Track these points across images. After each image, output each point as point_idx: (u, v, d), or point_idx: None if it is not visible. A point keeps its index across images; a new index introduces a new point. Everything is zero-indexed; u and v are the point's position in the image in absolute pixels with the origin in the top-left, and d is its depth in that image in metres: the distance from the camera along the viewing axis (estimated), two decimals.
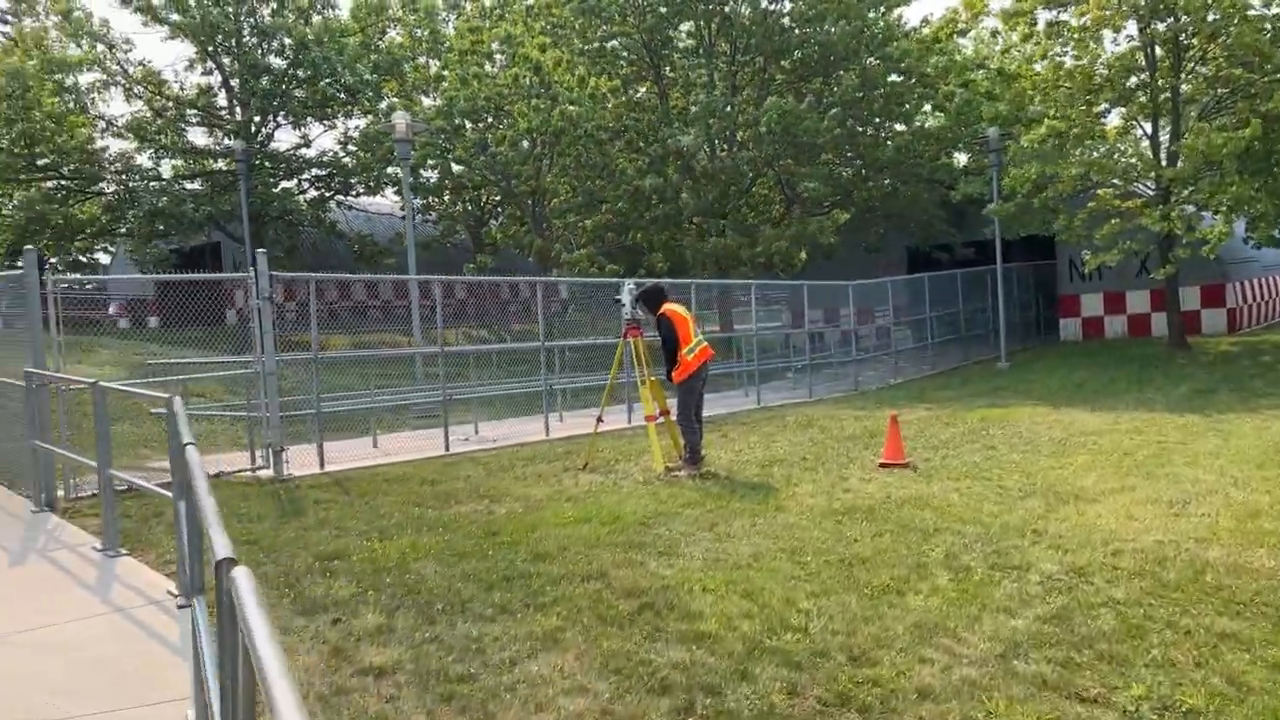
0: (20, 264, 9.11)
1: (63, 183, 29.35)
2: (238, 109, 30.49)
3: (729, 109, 26.69)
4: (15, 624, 5.96)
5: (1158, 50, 22.74)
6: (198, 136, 31.93)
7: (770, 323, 27.54)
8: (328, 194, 32.49)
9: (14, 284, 9.27)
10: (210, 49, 29.88)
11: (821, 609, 5.85)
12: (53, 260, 38.54)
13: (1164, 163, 22.67)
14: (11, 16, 30.96)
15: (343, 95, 31.23)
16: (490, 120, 28.50)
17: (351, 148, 32.03)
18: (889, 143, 27.81)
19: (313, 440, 11.80)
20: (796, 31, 26.70)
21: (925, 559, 6.85)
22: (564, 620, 5.75)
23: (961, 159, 29.79)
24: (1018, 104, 24.05)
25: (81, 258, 41.33)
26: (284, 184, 31.67)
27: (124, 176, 29.81)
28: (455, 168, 30.51)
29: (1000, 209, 23.92)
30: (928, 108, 29.16)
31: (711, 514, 8.46)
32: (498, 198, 32.91)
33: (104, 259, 41.36)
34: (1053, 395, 17.63)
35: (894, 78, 27.19)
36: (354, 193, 32.82)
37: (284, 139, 32.26)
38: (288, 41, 29.69)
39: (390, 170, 30.27)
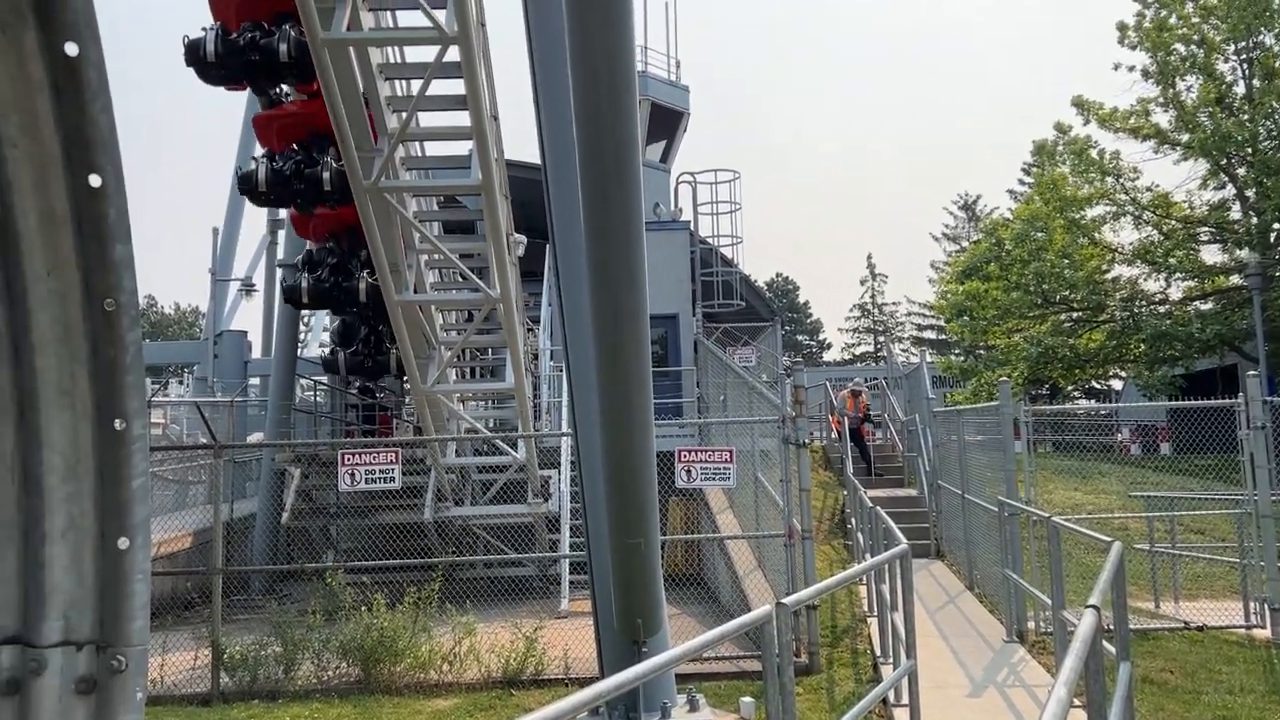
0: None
1: (1072, 314, 30.71)
2: (1252, 219, 28.18)
3: None
4: None
5: None
6: (1209, 254, 30.46)
7: None
8: None
9: (990, 413, 9.73)
10: (1222, 162, 28.47)
11: None
12: (1068, 388, 40.61)
13: None
14: (1032, 169, 33.98)
15: None
16: None
17: None
18: None
19: None
20: None
21: None
22: None
23: None
24: None
25: (1095, 383, 42.75)
26: None
27: (1129, 303, 29.89)
28: None
29: None
30: None
31: None
32: None
33: (1116, 385, 42.05)
34: None
35: None
36: None
37: None
38: None
39: None
